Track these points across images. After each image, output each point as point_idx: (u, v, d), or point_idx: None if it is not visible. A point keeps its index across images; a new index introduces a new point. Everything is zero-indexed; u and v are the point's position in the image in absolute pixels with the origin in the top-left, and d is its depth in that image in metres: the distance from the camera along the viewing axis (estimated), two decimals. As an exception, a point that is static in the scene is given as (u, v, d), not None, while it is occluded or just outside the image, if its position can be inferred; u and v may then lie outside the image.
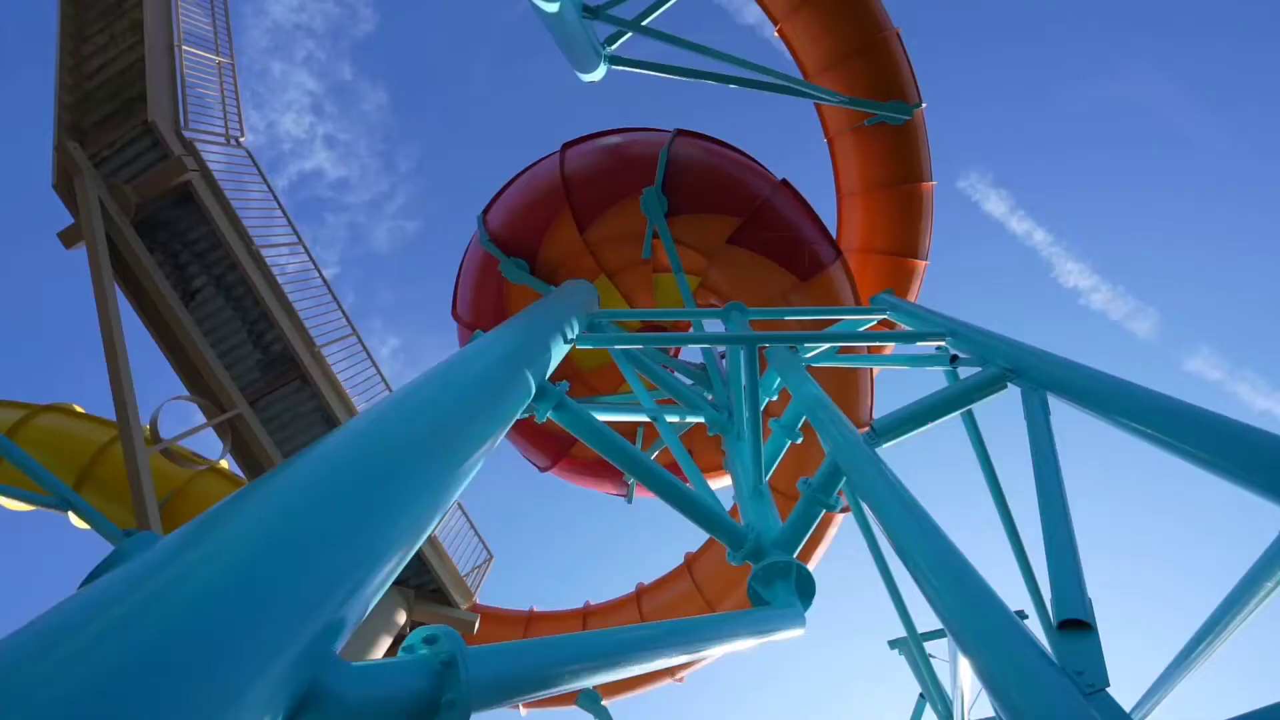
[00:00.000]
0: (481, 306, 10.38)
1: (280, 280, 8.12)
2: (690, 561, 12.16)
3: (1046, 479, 3.83)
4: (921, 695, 8.70)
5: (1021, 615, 3.64)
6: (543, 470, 11.43)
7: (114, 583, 1.50)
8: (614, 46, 9.76)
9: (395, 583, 7.87)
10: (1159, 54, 36.57)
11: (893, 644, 9.29)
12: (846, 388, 9.72)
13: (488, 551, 9.64)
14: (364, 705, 2.01)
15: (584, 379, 10.48)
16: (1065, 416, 4.50)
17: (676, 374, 9.99)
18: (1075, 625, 2.76)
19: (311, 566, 2.00)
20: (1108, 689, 2.50)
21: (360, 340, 8.44)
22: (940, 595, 2.78)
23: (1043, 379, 4.39)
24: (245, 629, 1.54)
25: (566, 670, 2.74)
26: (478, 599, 11.58)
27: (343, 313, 8.35)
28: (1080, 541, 3.44)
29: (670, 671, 11.56)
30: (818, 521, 5.03)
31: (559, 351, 5.71)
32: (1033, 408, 4.26)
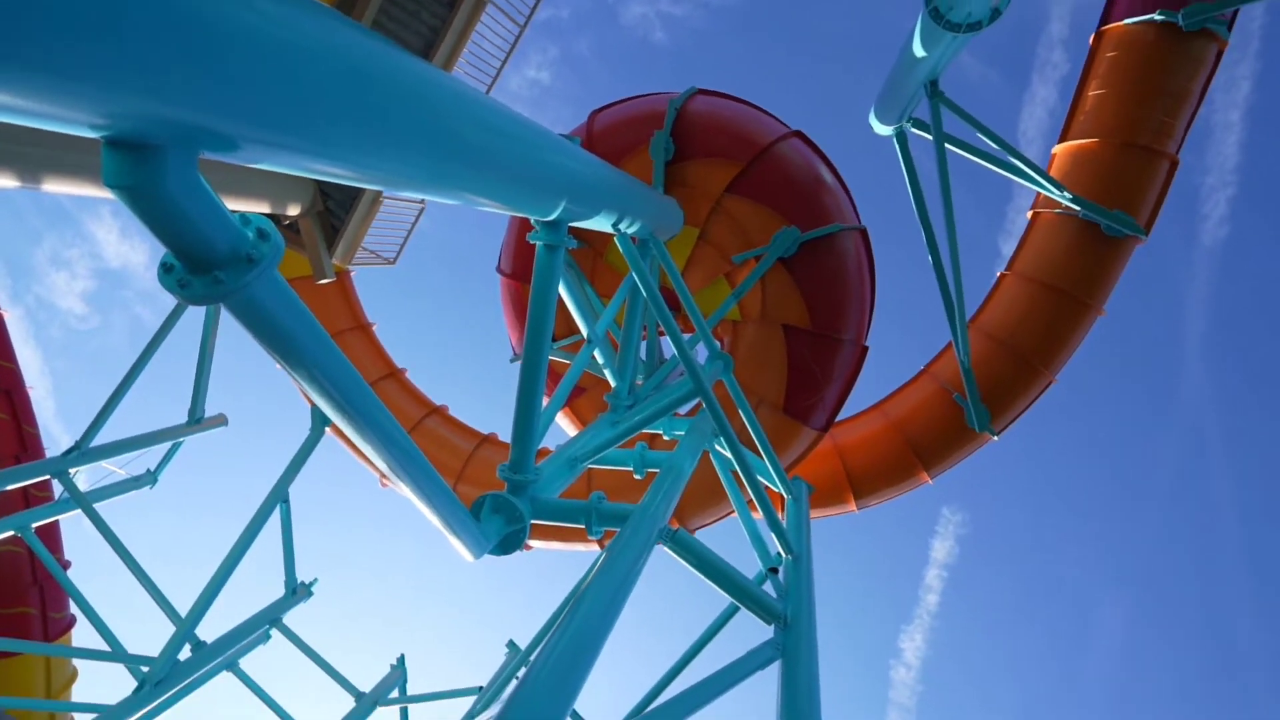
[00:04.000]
0: (616, 135, 10.11)
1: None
2: (488, 439, 12.40)
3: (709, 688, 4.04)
4: None
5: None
6: (497, 270, 11.37)
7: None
8: (912, 128, 9.43)
9: (320, 189, 7.79)
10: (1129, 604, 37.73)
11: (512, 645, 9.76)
12: (709, 495, 9.94)
13: (396, 258, 9.59)
14: (166, 197, 2.00)
15: (595, 260, 10.39)
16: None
17: (645, 342, 10.01)
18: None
19: (270, 74, 1.94)
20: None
21: (520, 35, 8.09)
22: (535, 680, 2.92)
23: (790, 654, 4.57)
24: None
25: (306, 370, 2.78)
26: (353, 269, 11.60)
27: (532, 10, 7.87)
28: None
29: (383, 477, 11.84)
30: (570, 526, 5.18)
31: (600, 224, 5.63)
32: (761, 654, 4.45)
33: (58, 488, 10.27)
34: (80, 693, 11.50)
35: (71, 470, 9.55)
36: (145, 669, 8.10)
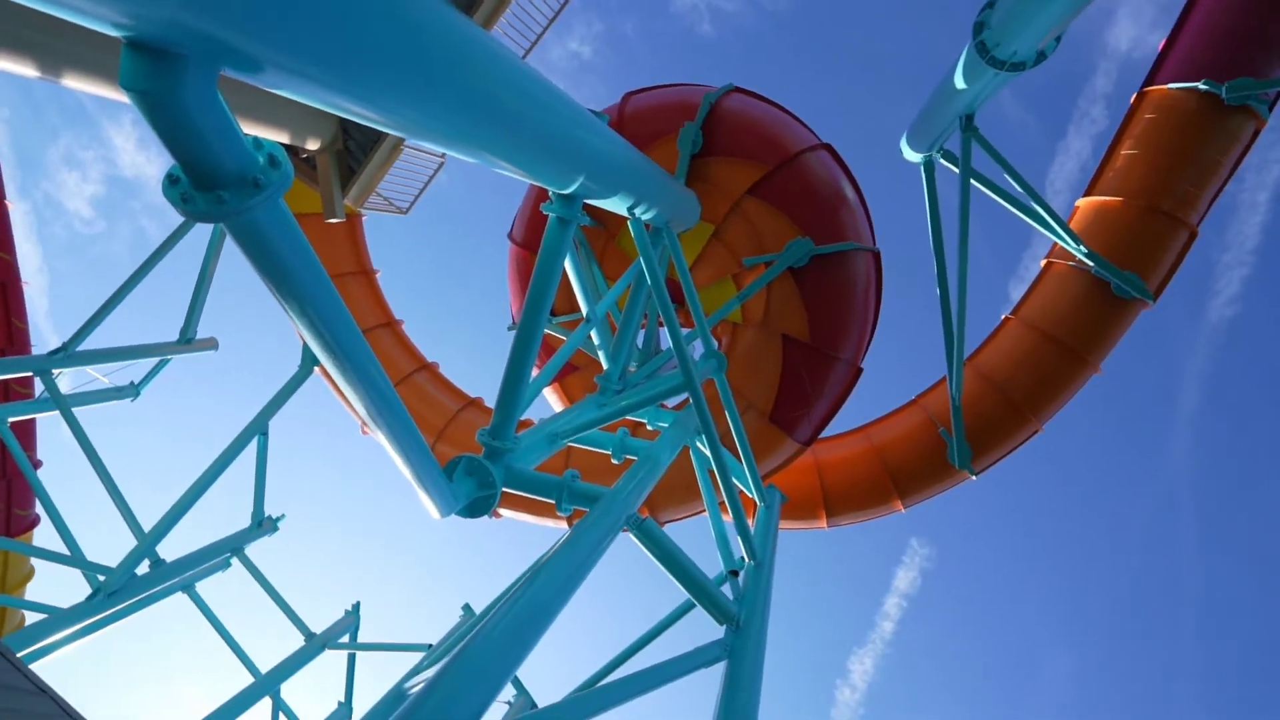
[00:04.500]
0: (646, 120, 10.04)
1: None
2: (474, 403, 12.39)
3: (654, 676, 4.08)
4: None
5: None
6: (507, 235, 11.33)
7: None
8: (941, 159, 9.39)
9: (343, 126, 7.71)
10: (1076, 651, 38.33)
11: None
12: (683, 490, 9.97)
13: (410, 208, 9.53)
14: (181, 108, 1.98)
15: (607, 242, 10.34)
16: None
17: (644, 330, 10.01)
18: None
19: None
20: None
21: (566, 4, 7.99)
22: (481, 644, 2.94)
23: (737, 656, 4.61)
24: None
25: (299, 304, 2.76)
26: (364, 213, 11.53)
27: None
28: None
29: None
30: (541, 500, 5.20)
31: (616, 206, 5.60)
32: (709, 653, 4.49)
33: (39, 386, 10.23)
34: (33, 592, 11.53)
35: (55, 371, 9.51)
36: (102, 578, 8.12)
